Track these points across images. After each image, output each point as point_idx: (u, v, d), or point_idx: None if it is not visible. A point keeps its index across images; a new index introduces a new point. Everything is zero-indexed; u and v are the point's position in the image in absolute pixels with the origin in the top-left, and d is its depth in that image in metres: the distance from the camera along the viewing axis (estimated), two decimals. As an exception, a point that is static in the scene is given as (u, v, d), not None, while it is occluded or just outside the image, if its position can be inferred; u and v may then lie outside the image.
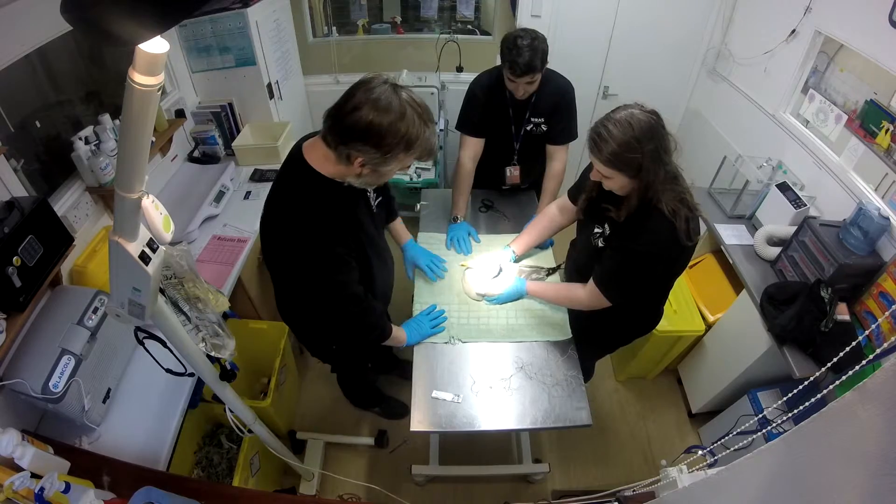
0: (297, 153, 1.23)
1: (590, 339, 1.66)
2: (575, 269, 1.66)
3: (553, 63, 3.41)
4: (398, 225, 1.79)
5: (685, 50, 3.00)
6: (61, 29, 1.59)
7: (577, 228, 1.64)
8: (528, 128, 1.99)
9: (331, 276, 1.25)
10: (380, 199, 1.47)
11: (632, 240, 1.31)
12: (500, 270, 1.74)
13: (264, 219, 1.28)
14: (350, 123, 1.05)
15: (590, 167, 1.47)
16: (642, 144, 1.16)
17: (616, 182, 1.26)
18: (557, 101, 1.94)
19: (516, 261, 1.83)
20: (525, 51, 1.68)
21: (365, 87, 1.07)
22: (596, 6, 2.84)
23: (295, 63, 2.97)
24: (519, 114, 1.97)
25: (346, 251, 1.26)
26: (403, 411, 2.33)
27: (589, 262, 1.47)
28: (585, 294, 1.48)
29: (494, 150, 2.06)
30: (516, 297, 1.69)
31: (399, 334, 1.55)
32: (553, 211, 1.76)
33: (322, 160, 1.18)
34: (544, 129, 1.98)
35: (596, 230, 1.44)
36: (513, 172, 2.12)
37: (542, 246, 1.90)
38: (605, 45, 2.99)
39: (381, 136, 1.06)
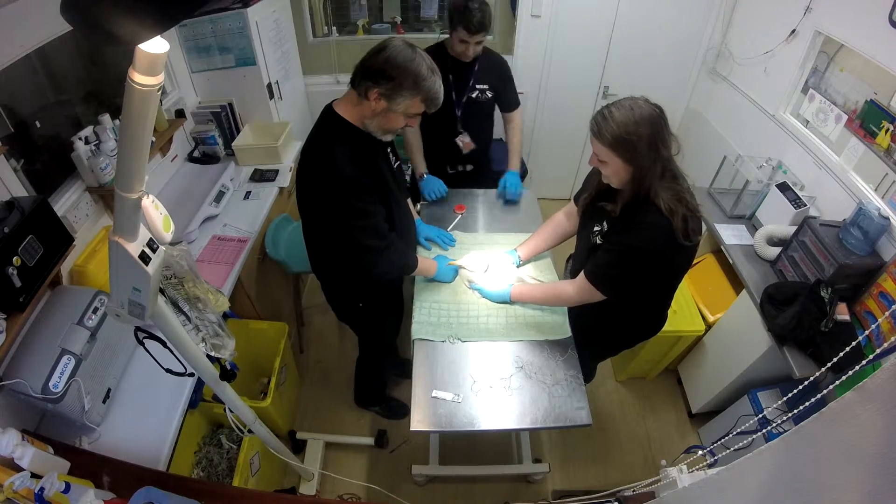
0: (327, 107, 1.41)
1: (593, 342, 1.66)
2: (573, 273, 1.65)
3: (553, 63, 3.42)
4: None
5: (685, 50, 3.00)
6: (61, 29, 1.59)
7: (577, 233, 1.64)
8: (473, 95, 2.12)
9: (355, 204, 1.35)
10: (398, 162, 1.63)
11: (626, 234, 1.32)
12: (488, 267, 1.77)
13: (299, 164, 1.43)
14: (371, 63, 1.28)
15: (594, 171, 1.47)
16: (639, 127, 1.19)
17: (612, 167, 1.28)
18: (500, 71, 2.13)
19: (520, 265, 1.82)
20: (476, 12, 1.85)
21: (388, 41, 1.31)
22: (596, 6, 2.84)
23: (295, 63, 2.96)
24: (461, 82, 2.10)
25: (370, 185, 1.37)
26: (403, 411, 2.33)
27: (586, 262, 1.47)
28: (574, 289, 1.48)
29: (437, 124, 2.11)
30: (500, 301, 1.69)
31: (427, 265, 1.69)
32: (559, 217, 1.77)
33: (346, 106, 1.37)
34: (489, 95, 2.14)
35: (595, 228, 1.45)
36: (464, 140, 2.21)
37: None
38: (605, 45, 2.99)
39: (394, 67, 1.26)
